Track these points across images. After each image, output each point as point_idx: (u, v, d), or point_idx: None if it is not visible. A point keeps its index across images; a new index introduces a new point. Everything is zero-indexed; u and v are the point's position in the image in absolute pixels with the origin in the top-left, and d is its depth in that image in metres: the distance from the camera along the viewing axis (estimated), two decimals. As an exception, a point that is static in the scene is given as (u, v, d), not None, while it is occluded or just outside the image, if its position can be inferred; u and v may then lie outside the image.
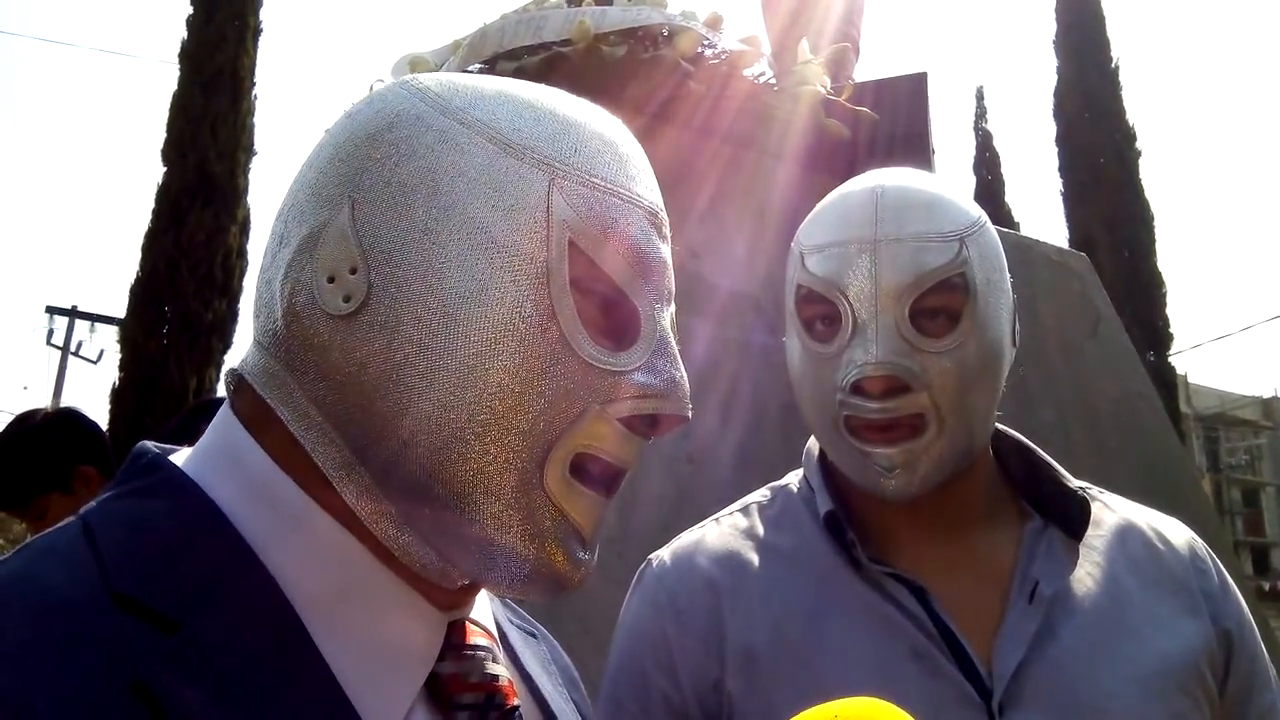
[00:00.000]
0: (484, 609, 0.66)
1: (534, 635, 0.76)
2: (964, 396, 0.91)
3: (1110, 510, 1.02)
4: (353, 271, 0.55)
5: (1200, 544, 1.01)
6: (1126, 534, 0.99)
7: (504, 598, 0.65)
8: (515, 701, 0.60)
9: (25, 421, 2.07)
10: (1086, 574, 0.94)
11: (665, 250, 0.61)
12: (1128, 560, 0.96)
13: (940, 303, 0.91)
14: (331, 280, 0.55)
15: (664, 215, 0.62)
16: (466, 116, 0.58)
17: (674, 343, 0.60)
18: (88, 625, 0.47)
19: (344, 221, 0.56)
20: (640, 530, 1.83)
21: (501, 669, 0.61)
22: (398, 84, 0.61)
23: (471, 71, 2.38)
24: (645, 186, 0.61)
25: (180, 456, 0.59)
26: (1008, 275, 0.98)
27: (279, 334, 0.58)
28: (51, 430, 2.04)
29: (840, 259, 0.92)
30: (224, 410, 0.60)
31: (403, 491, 0.56)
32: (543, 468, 0.55)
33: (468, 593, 0.62)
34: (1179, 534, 1.01)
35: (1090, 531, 0.97)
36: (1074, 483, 0.98)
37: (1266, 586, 25.04)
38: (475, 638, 0.61)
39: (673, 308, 0.62)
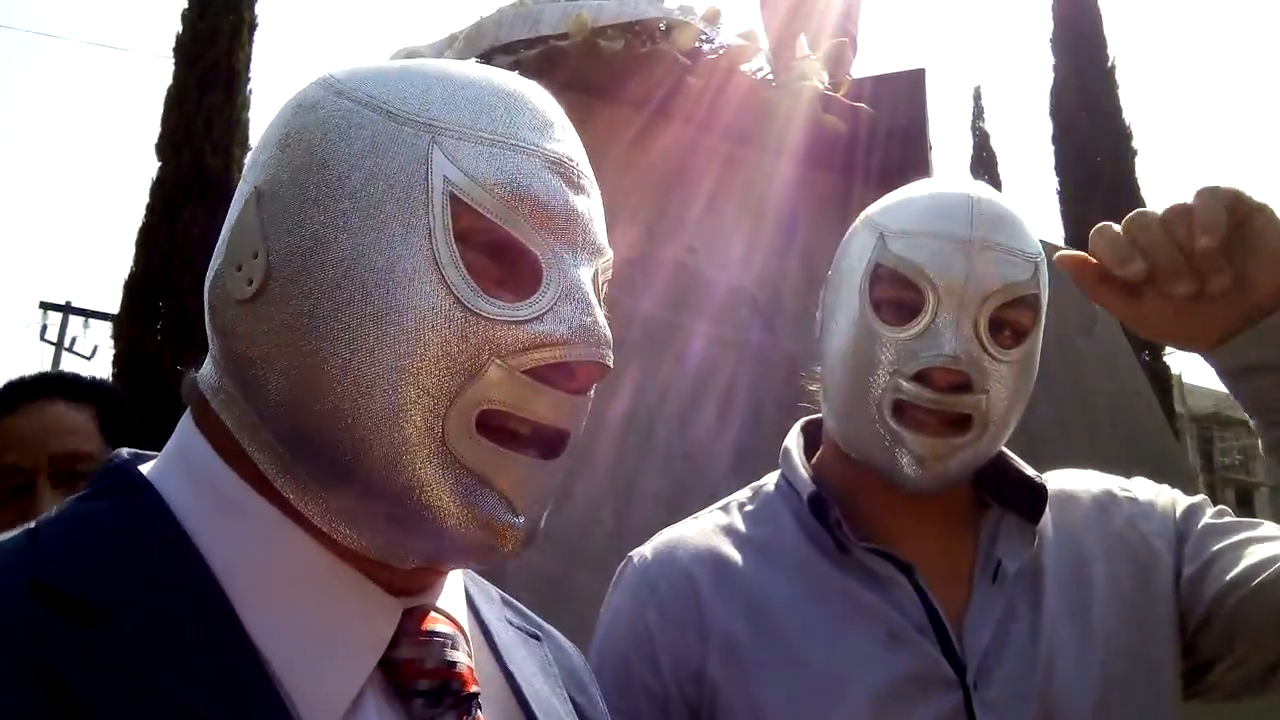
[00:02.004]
0: (456, 599, 0.65)
1: (536, 637, 0.75)
2: (1010, 406, 0.94)
3: (1057, 492, 1.03)
4: (254, 256, 0.57)
5: (1120, 484, 1.05)
6: (1061, 506, 1.02)
7: (452, 569, 0.65)
8: (473, 688, 0.60)
9: None
10: (1046, 554, 0.98)
11: (578, 200, 0.60)
12: (1073, 529, 1.00)
13: (1014, 316, 0.94)
14: (239, 269, 0.57)
15: (575, 165, 0.61)
16: (357, 93, 0.59)
17: (590, 292, 0.58)
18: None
19: (250, 211, 0.58)
20: (637, 527, 1.83)
21: (462, 656, 0.61)
22: (314, 79, 0.63)
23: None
24: (547, 137, 0.60)
25: (150, 463, 0.61)
26: None
27: (211, 334, 0.60)
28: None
29: (934, 250, 0.93)
30: (185, 414, 0.62)
31: (324, 469, 0.56)
32: (442, 430, 0.54)
33: (425, 577, 0.62)
34: (1094, 483, 1.05)
35: (1044, 516, 0.99)
36: (1029, 471, 1.01)
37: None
38: (435, 625, 0.61)
39: (604, 259, 0.62)
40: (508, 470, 0.56)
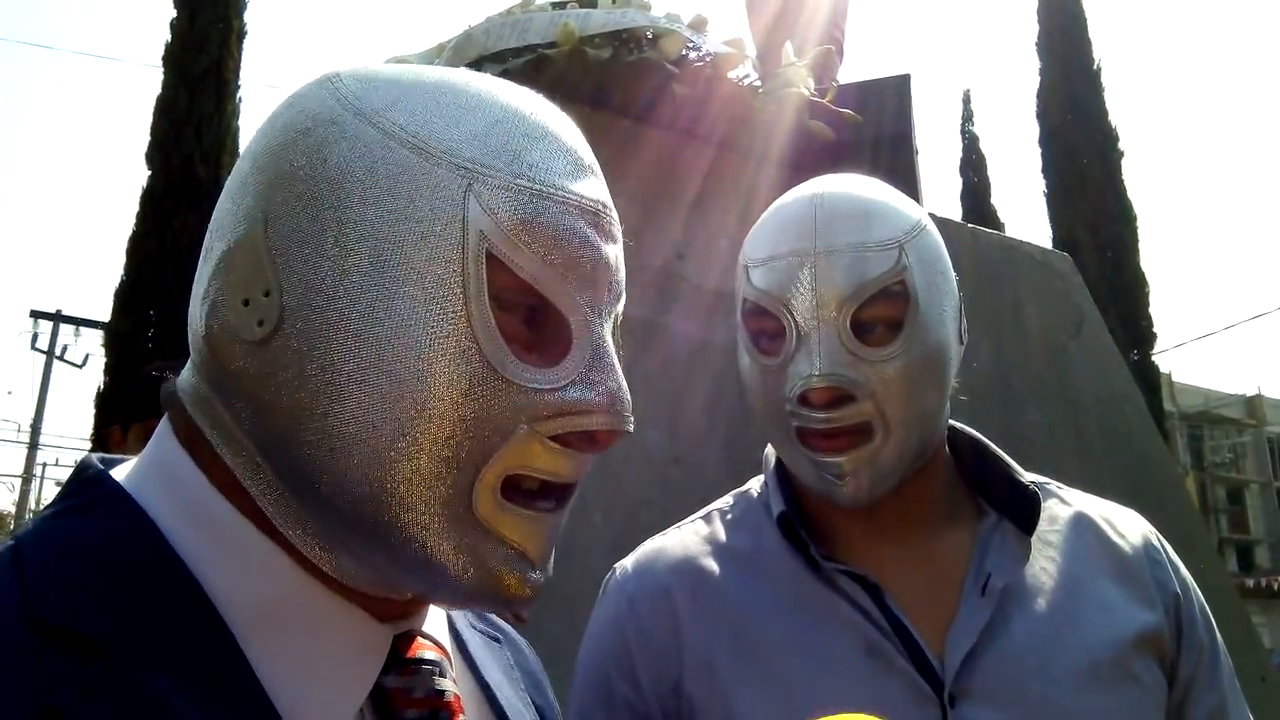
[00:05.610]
0: (438, 620, 0.65)
1: (498, 640, 0.74)
2: (909, 403, 0.91)
3: (1066, 504, 1.03)
4: (266, 294, 0.52)
5: (1155, 535, 1.02)
6: (1081, 526, 1.00)
7: (453, 611, 0.64)
8: (461, 718, 0.59)
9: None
10: (1040, 567, 0.95)
11: (609, 250, 0.57)
12: (1082, 552, 0.98)
13: (881, 312, 0.91)
14: (246, 304, 0.53)
15: (608, 212, 0.58)
16: (382, 119, 0.54)
17: (613, 352, 0.56)
18: None
19: (257, 238, 0.53)
20: (627, 532, 1.84)
21: (449, 684, 0.59)
22: (318, 82, 0.58)
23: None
24: (584, 183, 0.56)
25: (123, 470, 0.58)
26: (952, 275, 0.98)
27: (203, 354, 0.56)
28: None
29: (782, 272, 0.93)
30: (163, 424, 0.59)
31: (331, 518, 0.54)
32: (471, 495, 0.52)
33: (416, 604, 0.61)
34: (1134, 525, 1.02)
35: (1045, 526, 0.98)
36: (1026, 477, 0.99)
37: (1251, 583, 25.20)
38: (423, 651, 0.59)
39: (618, 308, 0.59)
40: (525, 530, 0.55)
